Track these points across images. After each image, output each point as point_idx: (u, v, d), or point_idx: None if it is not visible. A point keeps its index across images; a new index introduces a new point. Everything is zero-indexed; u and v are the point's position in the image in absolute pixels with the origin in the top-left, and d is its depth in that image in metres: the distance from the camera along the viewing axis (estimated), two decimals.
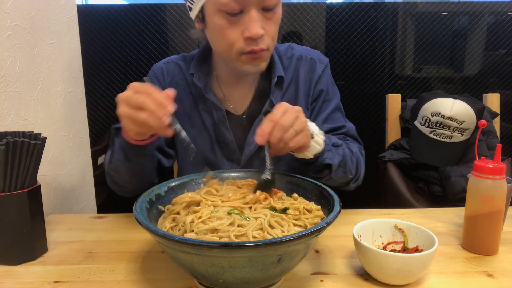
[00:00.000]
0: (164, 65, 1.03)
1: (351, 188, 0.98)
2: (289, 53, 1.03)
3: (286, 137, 0.72)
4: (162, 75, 1.02)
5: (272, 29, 0.85)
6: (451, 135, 1.64)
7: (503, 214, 0.77)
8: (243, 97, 1.00)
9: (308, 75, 1.02)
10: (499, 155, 0.76)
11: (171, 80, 1.01)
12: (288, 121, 0.71)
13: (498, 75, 2.22)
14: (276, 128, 0.71)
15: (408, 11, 2.20)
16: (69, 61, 1.19)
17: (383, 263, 0.65)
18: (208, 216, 0.64)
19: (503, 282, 0.69)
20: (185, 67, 1.02)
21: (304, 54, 1.03)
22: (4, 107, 0.90)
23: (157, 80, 1.02)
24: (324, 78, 1.02)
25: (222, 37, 0.85)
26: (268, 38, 0.85)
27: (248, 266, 0.55)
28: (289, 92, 1.01)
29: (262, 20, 0.83)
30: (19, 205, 0.74)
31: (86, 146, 1.30)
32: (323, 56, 1.06)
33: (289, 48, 1.04)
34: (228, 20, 0.82)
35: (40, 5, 1.03)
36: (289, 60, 1.02)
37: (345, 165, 0.90)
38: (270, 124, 0.71)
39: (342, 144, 0.93)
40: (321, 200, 0.72)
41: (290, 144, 0.73)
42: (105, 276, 0.72)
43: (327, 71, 1.04)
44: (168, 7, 2.14)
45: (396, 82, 2.26)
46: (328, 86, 1.03)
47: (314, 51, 1.06)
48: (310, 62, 1.02)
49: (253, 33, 0.81)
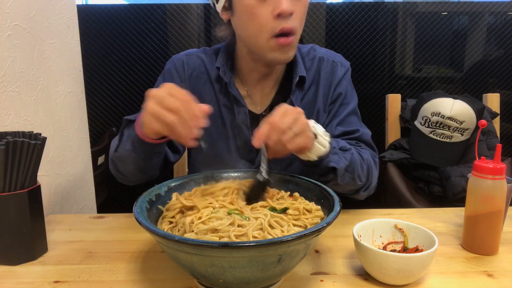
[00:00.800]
0: (185, 57, 1.02)
1: (361, 197, 0.95)
2: (311, 54, 1.03)
3: (284, 140, 0.70)
4: (182, 67, 1.00)
5: (301, 9, 0.85)
6: (451, 135, 1.64)
7: (503, 214, 0.77)
8: (265, 95, 1.00)
9: (329, 77, 1.01)
10: (499, 155, 0.76)
11: (192, 73, 1.00)
12: (286, 123, 0.70)
13: (498, 75, 2.22)
14: (273, 130, 0.70)
15: (408, 11, 2.20)
16: (69, 61, 1.20)
17: (383, 263, 0.65)
18: (208, 216, 0.64)
19: (503, 282, 0.69)
20: (207, 60, 1.01)
21: (326, 56, 1.03)
22: (4, 107, 0.90)
23: (176, 72, 1.00)
24: (344, 82, 1.02)
25: (252, 18, 0.84)
26: (297, 19, 0.85)
27: (248, 266, 0.55)
28: (310, 93, 1.00)
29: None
30: (19, 205, 0.74)
31: (86, 146, 1.30)
32: (345, 60, 1.05)
33: (311, 49, 1.04)
34: (256, 1, 0.82)
35: (40, 5, 1.03)
36: (311, 61, 1.02)
37: (353, 171, 0.86)
38: (267, 126, 0.70)
39: (351, 149, 0.90)
40: (321, 200, 0.72)
41: (288, 146, 0.71)
42: (105, 276, 0.72)
43: (348, 75, 1.04)
44: (168, 7, 2.14)
45: (396, 82, 2.26)
46: (347, 90, 1.03)
47: (337, 54, 1.05)
48: (331, 64, 1.02)
49: (283, 8, 0.80)
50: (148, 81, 2.19)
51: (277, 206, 0.69)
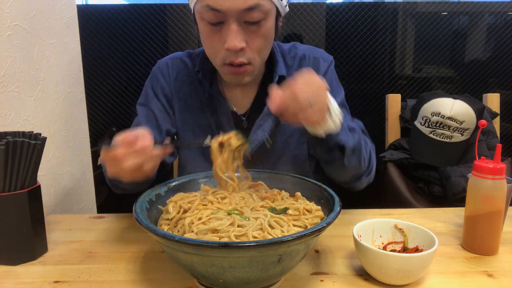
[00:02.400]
0: (169, 60, 1.03)
1: (363, 185, 0.92)
2: (292, 52, 1.02)
3: (300, 115, 0.68)
4: (167, 70, 1.01)
5: (256, 43, 0.83)
6: (451, 135, 1.64)
7: (503, 214, 0.77)
8: (245, 97, 1.00)
9: None
10: (499, 155, 0.76)
11: (176, 76, 1.01)
12: (307, 97, 0.66)
13: (498, 75, 2.22)
14: (293, 101, 0.66)
15: (408, 11, 2.20)
16: (69, 61, 1.19)
17: (383, 263, 0.65)
18: (208, 217, 0.64)
19: (503, 282, 0.69)
20: (190, 64, 1.02)
21: (307, 53, 1.02)
22: (4, 107, 0.90)
23: (162, 76, 1.01)
24: (327, 77, 1.01)
25: (206, 43, 0.86)
26: (252, 51, 0.84)
27: (248, 266, 0.55)
28: None
29: (244, 32, 0.81)
30: (19, 205, 0.74)
31: (86, 146, 1.30)
32: (327, 54, 1.04)
33: (292, 47, 1.03)
34: (210, 29, 0.82)
35: (40, 5, 1.03)
36: (293, 59, 1.01)
37: (360, 152, 0.82)
38: (289, 94, 0.67)
39: (359, 131, 0.86)
40: (321, 200, 0.72)
41: (300, 116, 0.68)
42: (105, 276, 0.72)
43: (331, 68, 1.03)
44: (168, 7, 2.14)
45: (396, 82, 2.26)
46: (332, 84, 1.00)
47: (318, 50, 1.04)
48: (313, 61, 1.01)
49: (230, 46, 0.80)
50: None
51: (277, 207, 0.69)
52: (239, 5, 0.77)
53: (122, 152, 0.65)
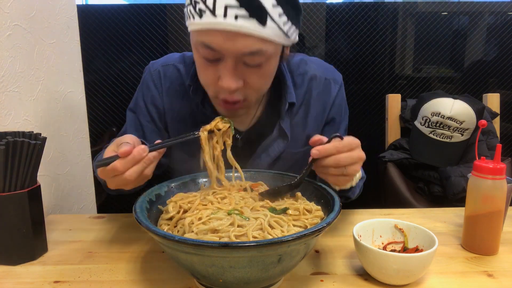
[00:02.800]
0: (162, 68, 0.95)
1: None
2: (301, 69, 0.95)
3: (331, 171, 0.70)
4: (159, 79, 0.95)
5: (255, 82, 0.77)
6: (451, 135, 1.64)
7: (503, 214, 0.77)
8: (246, 114, 0.93)
9: (322, 98, 0.95)
10: (499, 155, 0.76)
11: (169, 87, 0.94)
12: (345, 162, 0.69)
13: (498, 75, 2.22)
14: (333, 159, 0.69)
15: (408, 11, 2.20)
16: (69, 61, 1.20)
17: (383, 263, 0.65)
18: (208, 217, 0.64)
19: (503, 282, 0.69)
20: (184, 71, 0.94)
21: (318, 74, 0.95)
22: (4, 107, 0.90)
23: (154, 85, 0.95)
24: (337, 100, 0.97)
25: (201, 73, 0.80)
26: (249, 90, 0.78)
27: (248, 266, 0.55)
28: (299, 115, 0.94)
29: (243, 71, 0.75)
30: (19, 205, 0.74)
31: (86, 146, 1.30)
32: (337, 73, 0.99)
33: (301, 63, 0.95)
34: (205, 62, 0.76)
35: (40, 5, 1.03)
36: (301, 77, 0.94)
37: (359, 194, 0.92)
38: (333, 150, 0.68)
39: (365, 177, 0.90)
40: (321, 200, 0.72)
41: (329, 179, 0.72)
42: (105, 276, 0.72)
43: (342, 91, 0.98)
44: (168, 7, 2.14)
45: (396, 82, 2.26)
46: (341, 108, 0.98)
47: (329, 67, 0.99)
48: (324, 83, 0.95)
49: (225, 86, 0.74)
50: None
51: (277, 207, 0.69)
52: (239, 49, 0.70)
53: (121, 164, 0.64)
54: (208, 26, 0.69)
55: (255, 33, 0.68)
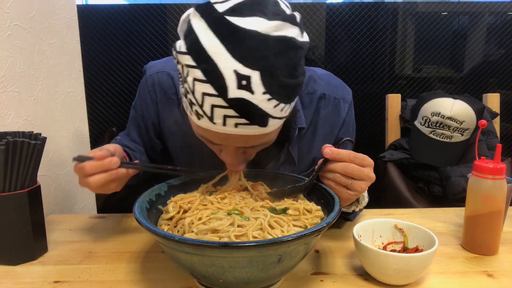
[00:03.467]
0: (156, 75, 0.92)
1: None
2: (310, 88, 0.90)
3: (338, 178, 0.69)
4: (153, 88, 0.92)
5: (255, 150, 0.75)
6: (451, 135, 1.64)
7: (503, 214, 0.77)
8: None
9: (331, 118, 0.91)
10: (499, 155, 0.76)
11: (162, 97, 0.92)
12: (354, 174, 0.68)
13: (498, 75, 2.22)
14: (343, 165, 0.68)
15: (408, 11, 2.20)
16: (69, 61, 1.20)
17: (383, 263, 0.65)
18: (208, 217, 0.64)
19: (503, 282, 0.69)
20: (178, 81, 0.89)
21: (328, 92, 0.91)
22: (4, 107, 0.90)
23: (149, 95, 0.93)
24: (347, 119, 0.93)
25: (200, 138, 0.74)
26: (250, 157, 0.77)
27: (248, 266, 0.55)
28: (307, 137, 0.91)
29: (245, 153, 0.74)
30: (19, 205, 0.74)
31: (86, 146, 1.30)
32: (347, 91, 0.94)
33: (310, 80, 0.90)
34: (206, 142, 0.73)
35: (40, 5, 1.03)
36: (310, 96, 0.90)
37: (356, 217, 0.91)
38: (345, 157, 0.68)
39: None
40: (321, 200, 0.72)
41: (331, 184, 0.71)
42: (105, 276, 0.72)
43: (351, 109, 0.95)
44: (168, 7, 2.14)
45: (396, 82, 2.26)
46: (350, 127, 0.95)
47: (338, 85, 0.94)
48: (333, 102, 0.91)
49: (227, 163, 0.74)
50: None
51: (277, 207, 0.69)
52: (241, 145, 0.69)
53: (89, 166, 0.70)
54: (207, 127, 0.65)
55: (257, 133, 0.65)
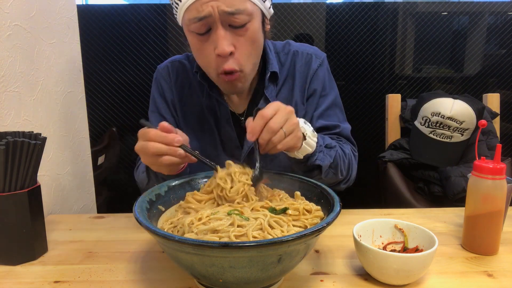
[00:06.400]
0: (169, 64, 1.05)
1: (342, 189, 0.99)
2: (286, 49, 1.03)
3: (275, 139, 0.72)
4: (168, 74, 1.04)
5: (244, 47, 0.84)
6: (451, 135, 1.64)
7: (503, 214, 0.77)
8: (242, 97, 1.01)
9: (304, 70, 1.02)
10: (499, 155, 0.76)
11: (177, 79, 1.03)
12: (278, 123, 0.72)
13: (498, 75, 2.22)
14: (265, 129, 0.71)
15: (408, 11, 2.20)
16: (69, 61, 1.20)
17: (383, 263, 0.65)
18: (208, 217, 0.64)
19: (503, 282, 0.69)
20: (189, 66, 1.04)
21: (300, 50, 1.03)
22: (4, 107, 0.90)
23: (164, 80, 1.04)
24: (320, 73, 1.02)
25: (198, 54, 0.88)
26: (241, 56, 0.85)
27: (248, 266, 0.55)
28: (285, 87, 1.01)
29: (232, 37, 0.82)
30: (19, 205, 0.74)
31: (86, 146, 1.30)
32: (320, 51, 1.05)
33: (286, 44, 1.04)
34: (199, 39, 0.84)
35: (40, 5, 1.03)
36: (286, 55, 1.02)
37: (336, 166, 0.91)
38: (261, 121, 0.71)
39: (336, 146, 0.93)
40: (321, 200, 0.72)
41: (278, 146, 0.73)
42: (105, 276, 0.72)
43: (324, 66, 1.04)
44: (168, 7, 2.14)
45: (396, 82, 2.26)
46: (325, 82, 1.03)
47: (312, 47, 1.05)
48: (306, 57, 1.02)
49: (220, 51, 0.81)
50: (148, 81, 2.19)
51: (277, 207, 0.69)
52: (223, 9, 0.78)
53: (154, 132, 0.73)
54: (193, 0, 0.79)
55: None
